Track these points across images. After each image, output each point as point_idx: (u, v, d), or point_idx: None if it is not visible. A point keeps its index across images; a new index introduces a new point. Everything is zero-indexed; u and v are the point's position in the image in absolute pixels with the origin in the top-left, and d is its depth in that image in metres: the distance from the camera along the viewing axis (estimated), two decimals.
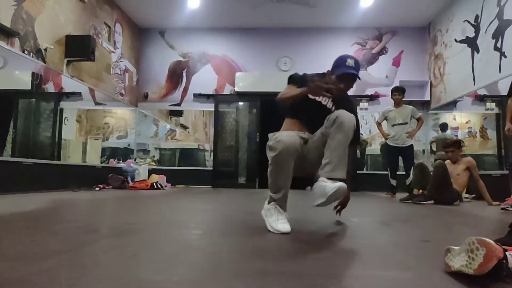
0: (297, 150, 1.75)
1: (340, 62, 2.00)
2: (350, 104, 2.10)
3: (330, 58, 7.34)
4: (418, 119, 5.31)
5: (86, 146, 6.63)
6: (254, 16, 7.67)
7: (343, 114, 1.70)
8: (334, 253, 1.42)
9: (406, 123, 5.28)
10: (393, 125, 5.36)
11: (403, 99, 5.40)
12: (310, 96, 1.95)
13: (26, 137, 5.01)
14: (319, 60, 7.97)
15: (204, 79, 8.16)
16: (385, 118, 5.48)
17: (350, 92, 2.23)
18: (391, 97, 5.45)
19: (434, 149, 6.90)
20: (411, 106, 5.44)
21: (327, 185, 1.60)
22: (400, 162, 5.51)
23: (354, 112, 1.95)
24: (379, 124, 5.54)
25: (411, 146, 5.32)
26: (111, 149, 7.54)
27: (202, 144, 8.74)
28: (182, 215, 2.78)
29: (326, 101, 2.04)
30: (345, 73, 1.94)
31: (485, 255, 0.92)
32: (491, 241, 0.94)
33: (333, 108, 2.02)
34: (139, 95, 8.28)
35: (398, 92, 5.37)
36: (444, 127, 6.91)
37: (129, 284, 0.94)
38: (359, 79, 2.03)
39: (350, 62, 1.96)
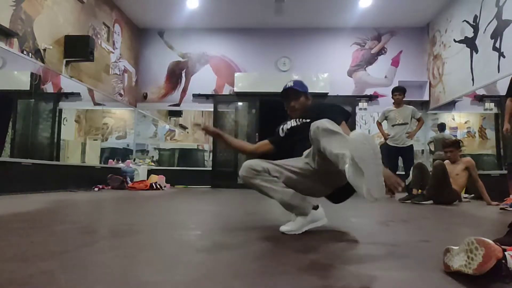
0: (251, 166, 1.79)
1: (283, 88, 2.23)
2: (317, 111, 2.08)
3: (329, 58, 7.45)
4: (419, 120, 5.31)
5: (85, 146, 6.62)
6: (253, 17, 7.67)
7: (310, 130, 1.63)
8: (334, 253, 1.42)
9: (407, 123, 5.28)
10: (393, 125, 5.35)
11: (403, 99, 5.40)
12: (281, 133, 2.13)
13: (25, 137, 5.00)
14: (318, 60, 7.99)
15: (203, 80, 8.16)
16: (385, 118, 5.47)
17: (350, 92, 2.26)
18: (392, 97, 5.45)
19: (432, 149, 6.91)
20: (411, 107, 5.43)
21: (349, 160, 1.35)
22: (400, 163, 5.51)
23: (326, 110, 2.03)
24: (379, 124, 5.53)
25: (411, 146, 5.31)
26: (110, 149, 7.53)
27: (201, 145, 8.73)
28: (181, 215, 2.78)
29: (290, 125, 2.12)
30: (282, 91, 2.18)
31: (484, 255, 0.92)
32: (490, 241, 0.94)
33: (301, 120, 2.08)
34: (138, 95, 8.27)
35: (399, 92, 5.36)
36: (442, 127, 6.92)
37: (128, 285, 0.94)
38: (298, 90, 2.18)
39: (288, 83, 2.21)
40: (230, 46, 8.24)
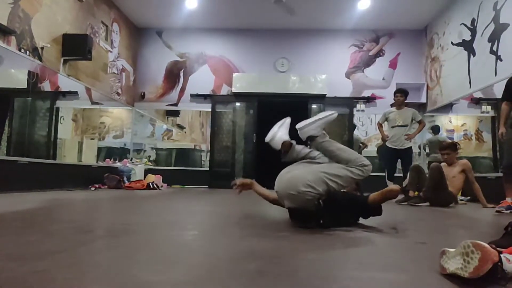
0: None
1: None
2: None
3: (327, 60, 7.49)
4: (420, 122, 5.31)
5: (82, 145, 6.60)
6: (252, 17, 7.67)
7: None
8: (331, 254, 1.42)
9: (406, 125, 5.28)
10: (392, 127, 5.36)
11: (405, 101, 5.40)
12: None
13: (21, 136, 4.98)
14: (316, 61, 8.00)
15: (201, 80, 8.15)
16: (386, 119, 5.48)
17: (348, 94, 2.32)
18: (393, 98, 5.46)
19: (427, 151, 6.95)
20: (412, 109, 5.44)
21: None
22: (398, 165, 5.51)
23: None
24: (380, 125, 5.53)
25: (410, 148, 5.32)
26: (107, 148, 7.51)
27: (199, 145, 8.72)
28: (178, 215, 2.78)
29: None
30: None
31: (480, 259, 0.93)
32: (486, 245, 0.95)
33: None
34: (136, 94, 8.25)
35: (400, 93, 5.36)
36: (436, 129, 6.94)
37: (125, 285, 0.94)
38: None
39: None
40: (228, 47, 8.24)
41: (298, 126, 2.11)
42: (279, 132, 2.16)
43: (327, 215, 1.98)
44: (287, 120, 2.25)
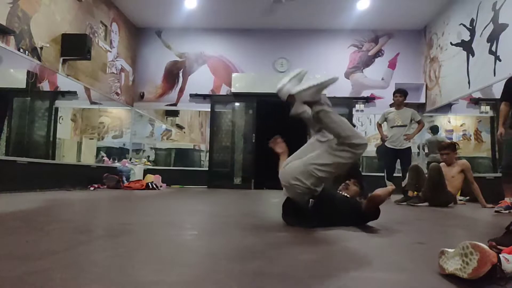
0: None
1: None
2: None
3: (327, 59, 7.50)
4: (419, 122, 5.32)
5: (81, 145, 6.59)
6: (251, 17, 7.67)
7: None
8: (330, 254, 1.42)
9: (405, 125, 5.29)
10: (391, 127, 5.37)
11: (404, 101, 5.40)
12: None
13: (20, 136, 4.98)
14: (315, 61, 8.00)
15: (201, 80, 8.15)
16: (385, 120, 5.48)
17: (347, 94, 2.27)
18: (393, 98, 5.46)
19: (426, 151, 6.95)
20: (411, 109, 5.44)
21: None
22: (398, 165, 5.52)
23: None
24: (379, 126, 5.54)
25: (409, 148, 5.32)
26: (106, 148, 7.50)
27: (198, 145, 8.72)
28: (177, 215, 2.78)
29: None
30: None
31: (479, 260, 0.93)
32: (485, 246, 0.95)
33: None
34: (135, 94, 8.25)
35: (400, 93, 5.37)
36: (435, 129, 6.95)
37: (124, 285, 0.94)
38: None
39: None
40: (228, 47, 8.24)
41: (293, 91, 1.93)
42: (288, 84, 1.97)
43: (318, 216, 1.98)
44: (302, 72, 2.06)
